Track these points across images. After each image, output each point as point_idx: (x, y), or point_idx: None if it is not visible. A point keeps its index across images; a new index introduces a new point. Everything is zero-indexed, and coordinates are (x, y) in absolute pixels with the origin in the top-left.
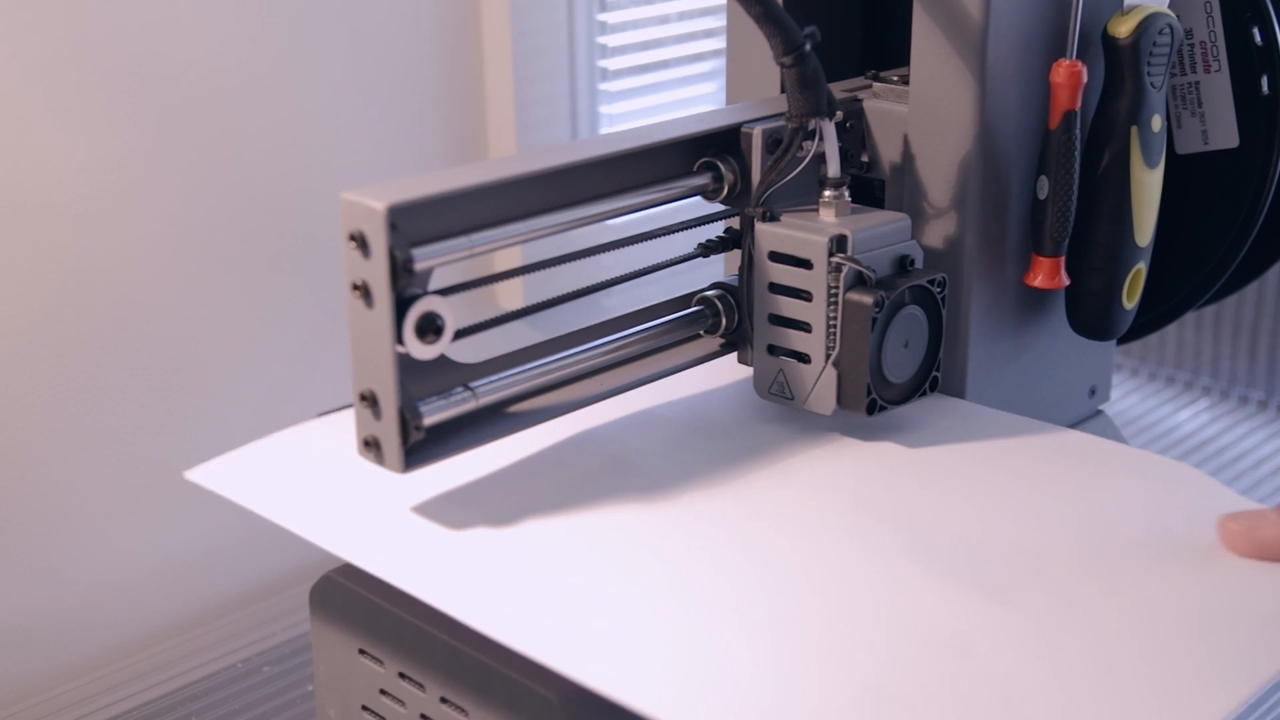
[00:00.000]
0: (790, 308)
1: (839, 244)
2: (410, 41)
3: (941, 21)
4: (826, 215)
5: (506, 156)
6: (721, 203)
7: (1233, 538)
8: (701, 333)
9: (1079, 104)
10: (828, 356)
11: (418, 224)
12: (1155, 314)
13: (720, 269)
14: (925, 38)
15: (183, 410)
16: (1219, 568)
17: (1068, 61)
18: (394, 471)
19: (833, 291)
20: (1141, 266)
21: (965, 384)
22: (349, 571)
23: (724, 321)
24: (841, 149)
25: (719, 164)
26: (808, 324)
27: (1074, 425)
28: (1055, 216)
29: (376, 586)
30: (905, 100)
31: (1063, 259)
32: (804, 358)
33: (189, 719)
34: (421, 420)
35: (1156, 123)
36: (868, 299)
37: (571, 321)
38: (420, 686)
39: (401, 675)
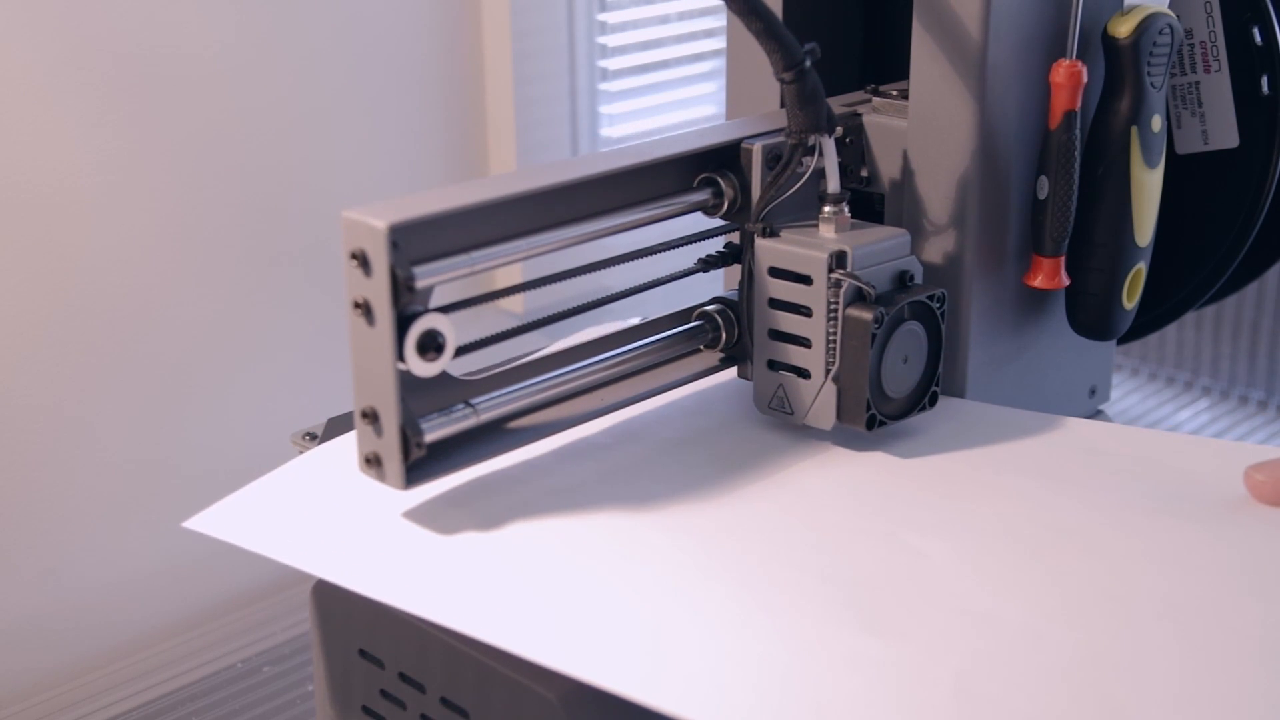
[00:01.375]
0: (790, 323)
1: (839, 260)
2: (411, 42)
3: (941, 22)
4: (826, 231)
5: (508, 173)
6: (722, 218)
7: (1260, 487)
8: (701, 347)
9: (1079, 104)
10: (827, 372)
11: (419, 242)
12: (1155, 314)
13: (720, 283)
14: (925, 37)
15: (184, 411)
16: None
17: (1068, 61)
18: (395, 488)
19: (832, 307)
20: (1141, 266)
21: (965, 384)
22: None
23: (724, 336)
24: (841, 164)
25: (719, 179)
26: (807, 339)
27: None
28: (1055, 216)
29: None
30: (905, 115)
31: (1063, 259)
32: (804, 373)
33: (189, 719)
34: (423, 437)
35: (1156, 123)
36: (867, 315)
37: (574, 333)
38: (420, 687)
39: (401, 676)
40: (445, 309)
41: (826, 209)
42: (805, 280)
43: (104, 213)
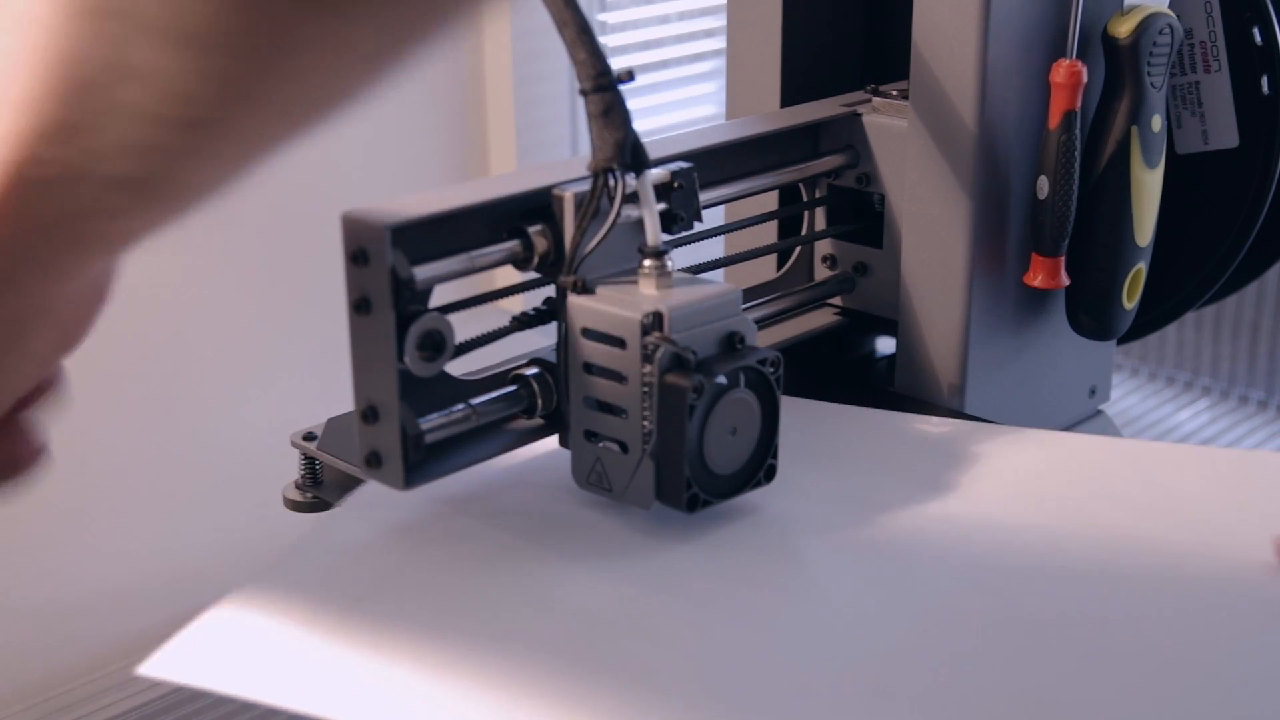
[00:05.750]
0: (605, 390)
1: (654, 321)
2: None
3: (941, 21)
4: (646, 288)
5: (509, 173)
6: (535, 271)
7: None
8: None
9: (1079, 104)
10: (644, 445)
11: (419, 241)
12: (1155, 314)
13: None
14: (925, 37)
15: (184, 411)
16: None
17: (1068, 61)
18: (395, 488)
19: (647, 374)
20: (1141, 266)
21: (965, 385)
22: None
23: (540, 403)
24: (669, 211)
25: (527, 230)
26: (624, 409)
27: (1074, 425)
28: (1055, 216)
29: None
30: (905, 115)
31: (1063, 259)
32: (622, 445)
33: (189, 719)
34: (423, 437)
35: (1156, 123)
36: (685, 383)
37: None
38: None
39: None
40: (445, 309)
41: (646, 263)
42: (619, 343)
43: None
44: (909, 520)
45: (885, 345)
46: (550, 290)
